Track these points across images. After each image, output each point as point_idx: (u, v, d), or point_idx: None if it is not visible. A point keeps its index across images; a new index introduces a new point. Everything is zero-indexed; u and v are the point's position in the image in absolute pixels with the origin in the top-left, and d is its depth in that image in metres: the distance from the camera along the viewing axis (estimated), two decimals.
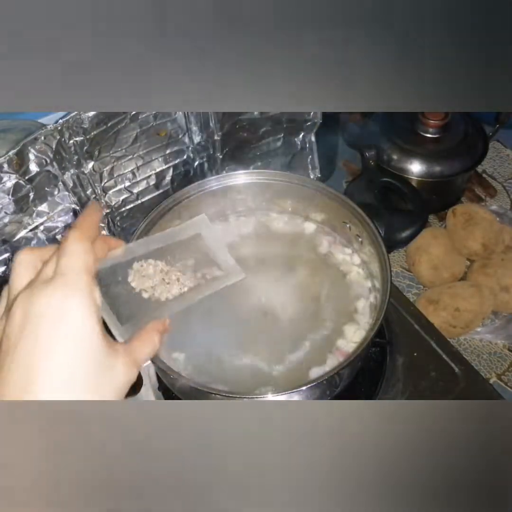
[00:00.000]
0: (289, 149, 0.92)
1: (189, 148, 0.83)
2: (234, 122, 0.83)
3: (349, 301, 0.73)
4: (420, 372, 0.75)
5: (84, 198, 0.76)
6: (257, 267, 0.75)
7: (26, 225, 0.74)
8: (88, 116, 0.68)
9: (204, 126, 0.80)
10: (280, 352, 0.67)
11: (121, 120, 0.72)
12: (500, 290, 0.88)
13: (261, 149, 0.90)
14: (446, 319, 0.85)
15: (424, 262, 0.92)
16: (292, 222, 0.82)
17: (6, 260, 0.76)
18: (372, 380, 0.74)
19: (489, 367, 0.85)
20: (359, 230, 0.73)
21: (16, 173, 0.68)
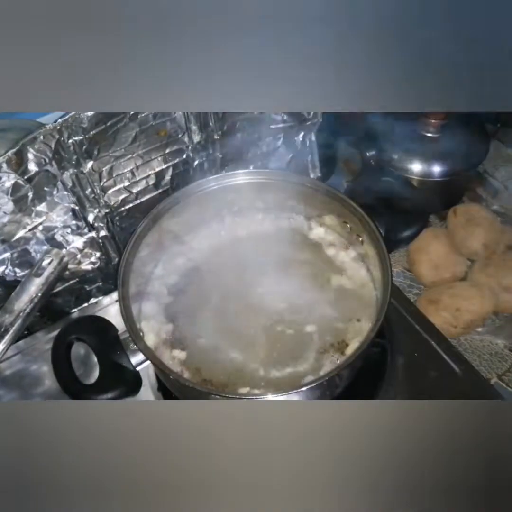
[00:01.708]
0: (289, 149, 0.92)
1: (189, 148, 0.83)
2: (234, 122, 0.83)
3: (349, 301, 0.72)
4: (420, 372, 0.75)
5: (83, 198, 0.76)
6: (257, 267, 0.75)
7: (25, 225, 0.74)
8: (87, 115, 0.68)
9: (204, 126, 0.80)
10: (281, 357, 0.67)
11: (120, 120, 0.72)
12: (501, 290, 0.88)
13: (261, 149, 0.90)
14: (447, 319, 0.85)
15: (425, 262, 0.92)
16: (292, 222, 0.81)
17: (5, 260, 0.76)
18: (372, 380, 0.74)
19: (489, 368, 0.85)
20: (359, 230, 0.73)
21: (15, 173, 0.68)
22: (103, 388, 0.63)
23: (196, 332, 0.70)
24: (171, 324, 0.71)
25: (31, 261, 0.77)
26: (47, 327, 0.84)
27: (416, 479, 0.42)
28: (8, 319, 0.70)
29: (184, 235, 0.79)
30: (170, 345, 0.69)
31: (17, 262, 0.76)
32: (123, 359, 0.64)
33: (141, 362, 0.63)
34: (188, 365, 0.67)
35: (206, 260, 0.78)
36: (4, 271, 0.76)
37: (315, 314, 0.70)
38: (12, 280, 0.77)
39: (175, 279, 0.76)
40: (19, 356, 0.81)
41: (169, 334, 0.70)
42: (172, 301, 0.74)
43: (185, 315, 0.72)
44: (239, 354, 0.67)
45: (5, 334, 0.69)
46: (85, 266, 0.84)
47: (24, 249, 0.76)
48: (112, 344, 0.65)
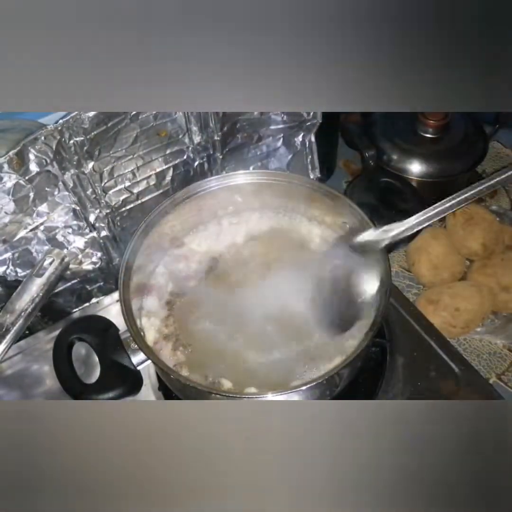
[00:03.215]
0: (289, 149, 0.92)
1: (189, 148, 0.83)
2: (234, 122, 0.83)
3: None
4: (420, 372, 0.75)
5: (84, 198, 0.76)
6: (258, 267, 0.75)
7: (26, 225, 0.74)
8: (88, 116, 0.68)
9: (204, 126, 0.80)
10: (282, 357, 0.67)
11: (121, 120, 0.72)
12: (500, 290, 0.88)
13: (261, 149, 0.90)
14: (446, 319, 0.85)
15: (424, 262, 0.92)
16: (293, 222, 0.81)
17: (6, 260, 0.76)
18: (372, 380, 0.74)
19: (488, 367, 0.85)
20: (359, 230, 0.73)
21: (16, 173, 0.68)
22: (104, 388, 0.63)
23: (197, 331, 0.70)
24: (172, 323, 0.71)
25: (32, 261, 0.77)
26: (48, 327, 0.84)
27: (415, 479, 0.42)
28: (9, 319, 0.70)
29: (185, 235, 0.79)
30: (172, 345, 0.69)
31: (18, 262, 0.77)
32: (124, 358, 0.64)
33: (142, 361, 0.64)
34: (189, 364, 0.67)
35: (206, 259, 0.78)
36: (6, 271, 0.76)
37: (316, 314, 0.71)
38: (13, 280, 0.77)
39: (176, 279, 0.76)
40: (20, 356, 0.81)
41: (170, 333, 0.71)
42: (173, 300, 0.74)
43: (186, 315, 0.72)
44: (242, 352, 0.67)
45: (6, 334, 0.69)
46: (86, 266, 0.84)
47: (26, 249, 0.76)
48: (113, 343, 0.65)
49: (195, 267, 0.77)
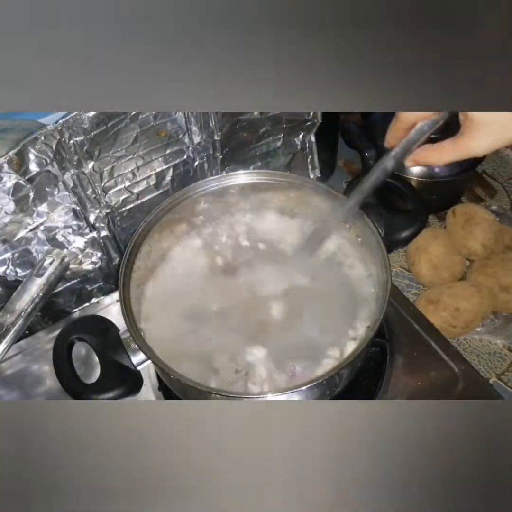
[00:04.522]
0: (289, 149, 0.92)
1: (189, 148, 0.83)
2: (234, 122, 0.83)
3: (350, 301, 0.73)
4: (420, 372, 0.75)
5: (84, 198, 0.76)
6: (258, 267, 0.75)
7: (26, 225, 0.74)
8: (88, 116, 0.68)
9: (204, 126, 0.81)
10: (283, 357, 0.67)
11: (121, 120, 0.72)
12: (499, 290, 0.88)
13: (261, 149, 0.90)
14: (446, 319, 0.85)
15: (424, 262, 0.92)
16: (292, 222, 0.81)
17: (6, 260, 0.76)
18: (372, 380, 0.74)
19: (488, 367, 0.85)
20: (359, 230, 0.73)
21: (16, 173, 0.68)
22: (104, 388, 0.63)
23: (198, 330, 0.70)
24: (172, 323, 0.71)
25: (32, 261, 0.77)
26: (48, 327, 0.84)
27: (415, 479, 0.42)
28: (9, 319, 0.70)
29: (185, 235, 0.79)
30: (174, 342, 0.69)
31: (18, 262, 0.77)
32: (124, 358, 0.64)
33: (142, 361, 0.64)
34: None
35: (207, 259, 0.78)
36: (5, 271, 0.76)
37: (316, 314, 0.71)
38: (13, 280, 0.77)
39: (176, 279, 0.76)
40: (20, 356, 0.81)
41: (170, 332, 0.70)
42: (173, 300, 0.74)
43: (186, 314, 0.72)
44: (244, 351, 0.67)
45: (6, 334, 0.69)
46: (86, 266, 0.84)
47: (25, 249, 0.76)
48: (113, 343, 0.65)
49: (195, 266, 0.77)
